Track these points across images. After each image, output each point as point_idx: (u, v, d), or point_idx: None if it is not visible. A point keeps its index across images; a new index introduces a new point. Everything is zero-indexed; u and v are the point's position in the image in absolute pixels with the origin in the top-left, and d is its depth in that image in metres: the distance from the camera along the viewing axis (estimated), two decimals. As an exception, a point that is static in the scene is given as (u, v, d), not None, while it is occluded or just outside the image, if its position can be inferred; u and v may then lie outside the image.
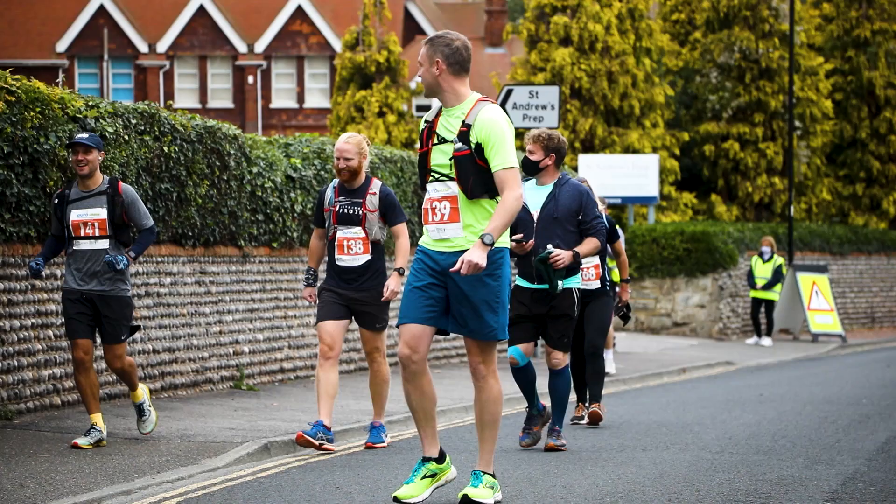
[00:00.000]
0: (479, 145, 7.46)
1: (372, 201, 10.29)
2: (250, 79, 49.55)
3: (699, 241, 27.38)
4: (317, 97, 49.62)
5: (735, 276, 28.04)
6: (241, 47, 49.37)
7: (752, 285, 26.28)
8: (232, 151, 13.83)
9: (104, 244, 9.87)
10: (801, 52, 33.37)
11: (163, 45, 49.27)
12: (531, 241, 10.27)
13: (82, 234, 9.89)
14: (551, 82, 30.06)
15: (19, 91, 10.87)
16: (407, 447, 10.79)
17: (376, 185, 10.35)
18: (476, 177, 7.47)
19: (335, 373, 10.22)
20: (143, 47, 49.19)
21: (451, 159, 7.52)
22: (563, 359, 10.24)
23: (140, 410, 10.31)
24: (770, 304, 26.41)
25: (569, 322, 10.22)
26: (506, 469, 9.44)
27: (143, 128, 12.53)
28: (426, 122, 7.68)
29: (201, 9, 49.46)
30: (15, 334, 11.05)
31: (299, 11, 49.49)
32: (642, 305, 27.71)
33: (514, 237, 10.31)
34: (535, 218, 10.20)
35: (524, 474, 9.21)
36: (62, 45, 48.94)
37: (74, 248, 9.93)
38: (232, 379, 14.10)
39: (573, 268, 10.19)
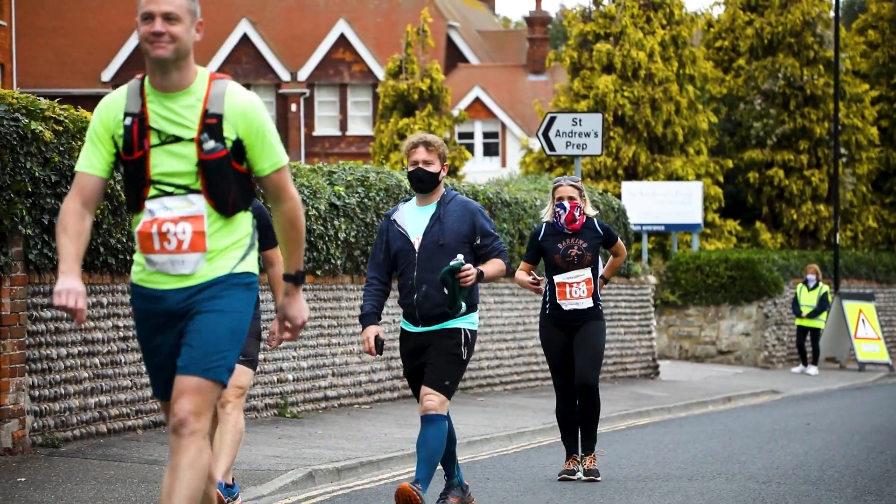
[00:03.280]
0: (238, 142, 5.38)
1: None
2: (293, 107, 49.79)
3: (744, 268, 27.23)
4: (359, 125, 49.80)
5: (780, 304, 27.86)
6: (285, 75, 49.63)
7: (798, 313, 26.10)
8: (276, 179, 13.86)
9: None
10: (847, 79, 33.20)
11: (207, 74, 49.57)
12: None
13: None
14: (594, 109, 30.05)
15: (67, 121, 10.95)
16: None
17: None
18: (237, 186, 5.41)
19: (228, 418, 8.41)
20: (187, 76, 49.52)
21: (197, 164, 5.35)
22: (437, 403, 8.15)
23: None
24: (815, 333, 26.21)
25: (453, 359, 8.20)
26: (550, 498, 9.38)
27: (188, 156, 12.58)
28: (129, 114, 5.40)
29: (245, 37, 49.79)
30: (62, 362, 11.10)
31: (342, 40, 49.72)
32: (686, 333, 27.57)
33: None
34: (417, 247, 8.25)
35: (569, 503, 9.15)
36: (107, 75, 49.38)
37: None
38: (276, 406, 14.11)
39: (471, 304, 8.32)
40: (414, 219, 8.32)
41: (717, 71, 33.57)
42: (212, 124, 5.35)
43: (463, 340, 8.24)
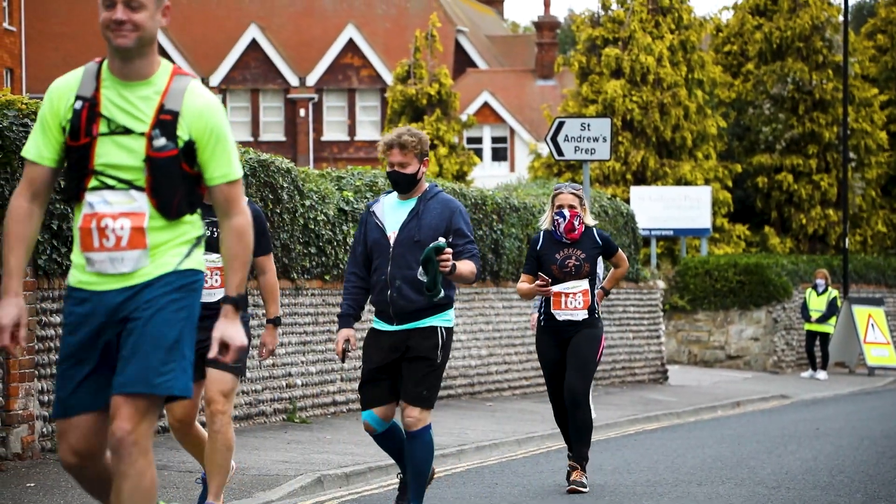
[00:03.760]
0: (190, 143, 5.04)
1: None
2: (302, 112, 49.85)
3: (753, 273, 27.20)
4: (368, 130, 49.84)
5: (789, 308, 27.83)
6: (293, 80, 49.69)
7: (807, 318, 26.07)
8: (285, 185, 13.89)
9: None
10: (856, 84, 33.17)
11: (216, 79, 49.67)
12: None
13: None
14: (603, 114, 30.05)
15: (76, 125, 10.95)
16: (460, 480, 10.74)
17: None
18: (184, 189, 5.07)
19: (195, 432, 8.00)
20: (196, 81, 49.61)
21: (144, 160, 5.01)
22: (419, 417, 7.85)
23: None
24: (825, 337, 26.18)
25: (429, 368, 7.86)
26: (559, 503, 9.38)
27: (197, 161, 12.60)
28: (81, 97, 5.06)
29: (254, 42, 49.85)
30: (70, 367, 11.11)
31: (350, 44, 49.77)
32: (695, 338, 27.55)
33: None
34: (392, 241, 7.93)
35: (579, 509, 9.14)
36: (117, 80, 49.46)
37: None
38: (285, 412, 14.11)
39: (445, 304, 7.96)
40: (393, 212, 7.99)
41: (725, 75, 33.54)
42: (166, 121, 5.00)
43: (440, 342, 7.88)
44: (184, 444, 8.02)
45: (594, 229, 9.96)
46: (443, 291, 7.78)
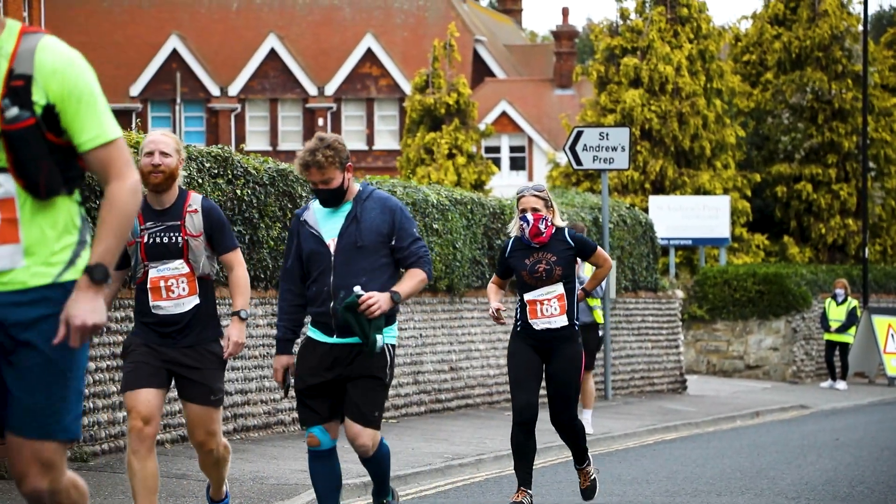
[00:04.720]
0: (49, 108, 4.37)
1: (193, 222, 7.37)
2: (320, 121, 49.94)
3: (772, 283, 27.14)
4: (386, 139, 49.91)
5: (808, 318, 27.75)
6: (312, 90, 49.79)
7: (826, 328, 26.00)
8: (304, 194, 13.91)
9: None
10: (875, 93, 33.09)
11: (234, 89, 49.81)
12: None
13: None
14: (621, 124, 30.03)
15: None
16: (479, 490, 10.72)
17: (196, 199, 7.42)
18: (51, 162, 4.40)
19: (154, 460, 7.28)
20: (214, 91, 49.75)
21: (1, 136, 4.37)
22: (370, 441, 7.34)
23: None
24: (844, 347, 26.10)
25: (379, 387, 7.31)
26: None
27: (216, 171, 12.65)
28: None
29: (272, 52, 49.97)
30: (91, 376, 11.14)
31: (369, 54, 49.85)
32: (714, 348, 27.49)
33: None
34: (333, 250, 7.26)
35: (598, 519, 9.12)
36: (136, 90, 49.63)
37: None
38: (303, 421, 14.12)
39: (390, 316, 7.28)
40: (327, 219, 7.30)
41: (744, 85, 33.50)
42: (17, 87, 4.32)
43: (388, 361, 7.29)
44: (133, 459, 7.21)
45: (566, 230, 9.33)
46: (379, 340, 7.09)
